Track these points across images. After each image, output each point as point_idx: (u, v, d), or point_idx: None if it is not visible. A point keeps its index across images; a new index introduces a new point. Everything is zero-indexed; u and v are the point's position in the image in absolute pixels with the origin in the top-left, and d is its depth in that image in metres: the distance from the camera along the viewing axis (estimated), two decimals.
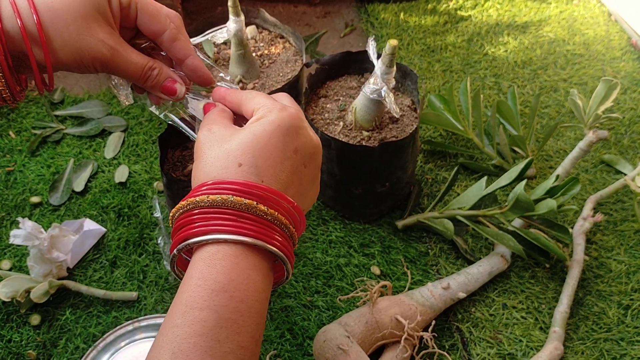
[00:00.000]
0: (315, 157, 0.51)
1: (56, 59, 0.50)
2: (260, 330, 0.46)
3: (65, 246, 0.82)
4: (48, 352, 0.75)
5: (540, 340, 0.79)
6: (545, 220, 0.84)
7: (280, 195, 0.47)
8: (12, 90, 0.51)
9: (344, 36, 1.27)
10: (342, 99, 0.90)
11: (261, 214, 0.46)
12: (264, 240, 0.46)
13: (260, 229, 0.46)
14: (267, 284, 0.47)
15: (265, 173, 0.47)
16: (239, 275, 0.45)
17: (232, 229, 0.45)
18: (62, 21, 0.49)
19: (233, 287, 0.44)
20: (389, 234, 0.90)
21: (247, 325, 0.44)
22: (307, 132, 0.51)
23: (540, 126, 1.07)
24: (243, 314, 0.43)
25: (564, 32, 1.28)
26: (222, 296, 0.43)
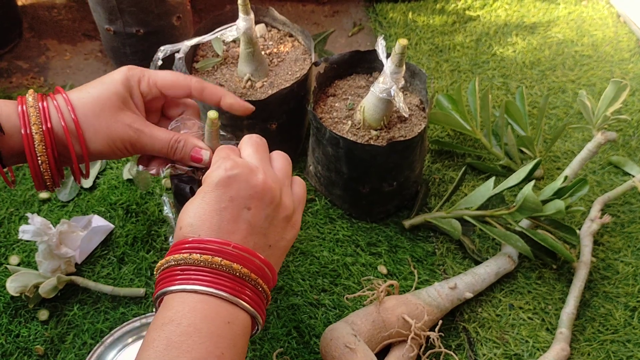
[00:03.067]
0: (256, 198, 0.52)
1: (90, 148, 0.58)
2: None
3: (74, 242, 0.82)
4: (56, 347, 0.76)
5: (546, 341, 0.79)
6: (553, 221, 0.84)
7: (250, 252, 0.51)
8: (55, 179, 0.59)
9: (352, 35, 1.27)
10: (350, 98, 0.90)
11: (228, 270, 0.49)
12: (235, 295, 0.49)
13: (232, 284, 0.49)
14: (239, 334, 0.49)
15: (202, 227, 0.50)
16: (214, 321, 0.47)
17: (209, 283, 0.48)
18: (92, 114, 0.57)
19: (209, 331, 0.47)
20: (396, 234, 0.90)
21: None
22: (243, 177, 0.52)
23: (548, 127, 1.07)
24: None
25: (573, 33, 1.28)
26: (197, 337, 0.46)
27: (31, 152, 0.56)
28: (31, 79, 1.12)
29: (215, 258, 0.48)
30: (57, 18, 1.26)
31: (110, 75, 0.60)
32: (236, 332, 0.48)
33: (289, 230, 0.55)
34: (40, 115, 0.55)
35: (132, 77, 0.60)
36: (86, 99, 0.57)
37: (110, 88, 0.58)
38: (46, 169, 0.57)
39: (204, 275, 0.48)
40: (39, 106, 0.56)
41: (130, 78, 0.60)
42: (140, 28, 1.02)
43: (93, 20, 1.09)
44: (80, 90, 0.58)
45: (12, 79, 1.12)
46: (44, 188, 0.60)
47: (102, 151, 0.59)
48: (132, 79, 0.60)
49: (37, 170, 0.57)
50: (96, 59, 1.18)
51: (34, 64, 1.16)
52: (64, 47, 1.20)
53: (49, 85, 1.11)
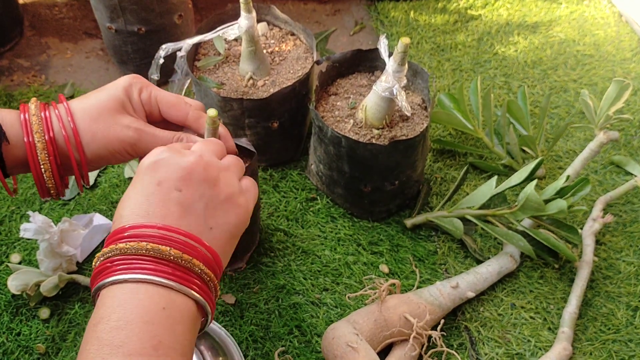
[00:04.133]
0: (186, 178, 0.50)
1: (89, 154, 0.57)
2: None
3: (75, 240, 0.82)
4: (57, 345, 0.76)
5: (548, 340, 0.79)
6: (555, 221, 0.84)
7: (178, 231, 0.48)
8: (58, 188, 0.59)
9: (353, 34, 1.26)
10: (352, 96, 0.90)
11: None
12: (166, 277, 0.46)
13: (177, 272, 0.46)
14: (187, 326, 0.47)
15: (131, 216, 0.48)
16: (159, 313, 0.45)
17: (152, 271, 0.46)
18: (90, 118, 0.56)
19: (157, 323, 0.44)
20: (397, 233, 0.90)
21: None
22: (168, 161, 0.50)
23: (550, 126, 1.07)
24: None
25: (575, 32, 1.28)
26: (147, 328, 0.44)
27: (34, 160, 0.56)
28: (32, 77, 1.12)
29: (140, 243, 0.46)
30: (58, 16, 1.26)
31: (113, 82, 0.60)
32: (174, 316, 0.45)
33: (232, 211, 0.52)
34: (43, 124, 0.55)
35: (135, 84, 0.59)
36: (86, 106, 0.57)
37: (110, 93, 0.58)
38: (49, 177, 0.57)
39: (131, 263, 0.45)
40: (41, 115, 0.56)
41: (133, 85, 0.59)
42: (141, 26, 1.02)
43: (94, 18, 1.08)
44: (82, 98, 0.58)
45: (14, 77, 1.12)
46: (48, 196, 0.60)
47: (101, 155, 0.58)
48: (135, 86, 0.59)
49: (41, 178, 0.57)
50: (97, 58, 1.17)
51: (35, 62, 1.16)
52: (65, 46, 1.20)
53: (50, 83, 1.11)
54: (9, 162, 0.56)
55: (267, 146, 0.93)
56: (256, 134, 0.90)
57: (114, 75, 1.14)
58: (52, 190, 0.59)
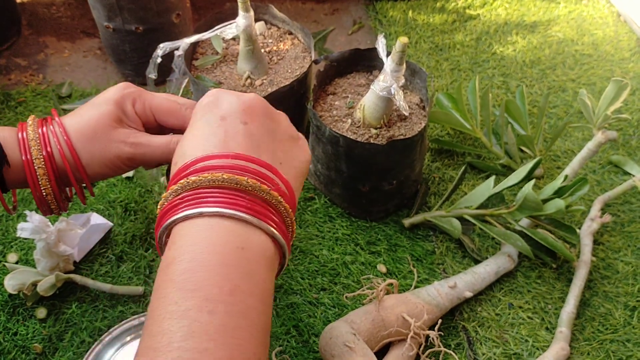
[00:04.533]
0: (250, 112, 0.48)
1: (89, 173, 0.56)
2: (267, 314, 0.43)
3: (72, 240, 0.82)
4: (54, 345, 0.75)
5: (546, 340, 0.79)
6: (553, 221, 0.84)
7: (257, 161, 0.45)
8: (59, 203, 0.58)
9: (351, 33, 1.26)
10: (350, 96, 0.89)
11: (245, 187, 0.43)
12: (244, 211, 0.42)
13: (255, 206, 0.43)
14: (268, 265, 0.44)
15: (197, 150, 0.46)
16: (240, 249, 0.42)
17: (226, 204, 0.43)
18: (86, 138, 0.55)
19: (238, 262, 0.41)
20: (395, 232, 0.90)
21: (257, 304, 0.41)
22: (228, 96, 0.49)
23: (548, 126, 1.07)
24: (253, 302, 0.41)
25: (573, 32, 1.27)
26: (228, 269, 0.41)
27: (33, 178, 0.55)
28: (30, 76, 1.11)
29: (215, 174, 0.43)
30: (56, 15, 1.25)
31: (103, 95, 0.58)
32: (252, 258, 0.42)
33: (298, 151, 0.50)
34: (40, 142, 0.55)
35: (127, 96, 0.58)
36: (79, 124, 0.56)
37: (102, 109, 0.56)
38: (49, 194, 0.56)
39: (205, 195, 0.42)
40: (38, 132, 0.55)
41: (125, 97, 0.57)
42: (139, 25, 1.02)
43: (92, 17, 1.08)
44: (74, 115, 0.57)
45: (11, 76, 1.11)
46: (50, 213, 0.59)
47: (101, 173, 0.58)
48: (127, 98, 0.58)
49: (40, 196, 0.56)
50: (95, 57, 1.17)
51: (33, 61, 1.15)
52: (62, 45, 1.19)
53: (47, 82, 1.11)
54: (9, 181, 0.55)
55: None
56: None
57: (111, 75, 1.13)
58: (53, 207, 0.58)
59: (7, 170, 0.54)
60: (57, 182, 0.56)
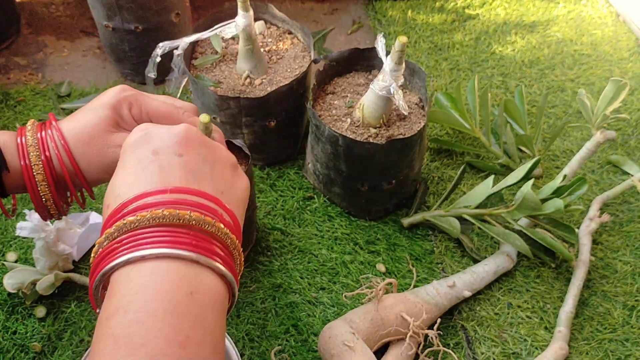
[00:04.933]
0: (184, 143, 0.45)
1: (87, 178, 0.56)
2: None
3: (71, 239, 0.82)
4: (53, 344, 0.75)
5: (545, 339, 0.79)
6: (552, 220, 0.84)
7: (198, 192, 0.42)
8: (58, 208, 0.57)
9: (351, 33, 1.26)
10: (349, 95, 0.89)
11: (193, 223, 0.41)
12: (193, 250, 0.40)
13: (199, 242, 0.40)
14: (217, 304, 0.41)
15: (132, 190, 0.43)
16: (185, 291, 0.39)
17: (168, 243, 0.39)
18: (82, 144, 0.54)
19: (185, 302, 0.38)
20: (394, 232, 0.90)
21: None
22: (158, 130, 0.46)
23: (547, 126, 1.07)
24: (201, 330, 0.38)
25: (572, 32, 1.28)
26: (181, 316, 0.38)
27: (32, 184, 0.54)
28: (29, 76, 1.11)
29: (154, 211, 0.39)
30: (55, 14, 1.25)
31: (100, 99, 0.57)
32: (203, 303, 0.38)
33: (238, 179, 0.47)
34: (39, 147, 0.54)
35: (123, 100, 0.57)
36: (76, 130, 0.55)
37: (99, 114, 0.55)
38: (48, 199, 0.56)
39: (147, 236, 0.39)
40: (37, 137, 0.54)
41: (122, 101, 0.56)
42: (138, 24, 1.02)
43: (91, 16, 1.08)
44: (71, 120, 0.56)
45: (10, 75, 1.11)
46: (50, 217, 0.59)
47: (100, 178, 0.57)
48: (124, 103, 0.57)
49: (40, 201, 0.56)
50: (94, 56, 1.17)
51: (32, 60, 1.15)
52: (62, 44, 1.19)
53: (46, 81, 1.11)
54: (8, 185, 0.55)
55: (264, 145, 0.93)
56: (253, 133, 0.90)
57: (111, 74, 1.13)
58: (52, 212, 0.58)
59: (7, 175, 0.54)
60: (56, 187, 0.56)
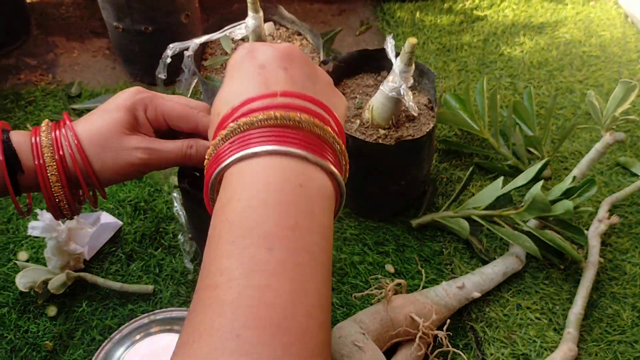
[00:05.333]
0: (288, 59, 0.45)
1: (101, 180, 0.57)
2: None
3: (83, 239, 0.83)
4: (64, 343, 0.76)
5: (554, 341, 0.79)
6: (561, 222, 0.84)
7: (310, 98, 0.43)
8: (71, 208, 0.58)
9: (359, 34, 1.27)
10: (358, 96, 0.90)
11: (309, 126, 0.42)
12: (304, 148, 0.40)
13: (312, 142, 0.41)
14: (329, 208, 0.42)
15: (237, 97, 0.44)
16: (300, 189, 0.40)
17: (279, 140, 0.41)
18: (97, 145, 0.55)
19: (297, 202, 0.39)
20: (403, 233, 0.90)
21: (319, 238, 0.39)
22: (263, 47, 0.47)
23: (556, 127, 1.07)
24: (316, 246, 0.39)
25: (580, 33, 1.28)
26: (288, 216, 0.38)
27: (45, 184, 0.55)
28: (39, 76, 1.12)
29: (266, 112, 0.40)
30: (65, 15, 1.26)
31: (114, 100, 0.58)
32: (311, 196, 0.40)
33: (338, 97, 0.48)
34: (53, 146, 0.55)
35: (139, 102, 0.57)
36: (91, 132, 0.56)
37: (114, 116, 0.56)
38: (62, 200, 0.57)
39: (258, 135, 0.40)
40: (51, 136, 0.55)
41: (137, 103, 0.57)
42: (148, 25, 1.02)
43: (100, 17, 1.09)
44: (85, 121, 0.57)
45: (21, 75, 1.12)
46: (62, 217, 0.59)
47: (113, 179, 0.58)
48: (139, 105, 0.57)
49: (52, 200, 0.57)
50: (104, 57, 1.18)
51: (42, 60, 1.16)
52: (72, 45, 1.20)
53: (57, 82, 1.12)
54: (22, 185, 0.56)
55: None
56: None
57: (120, 75, 1.14)
58: (65, 211, 0.58)
59: (21, 175, 0.55)
60: (69, 187, 0.56)
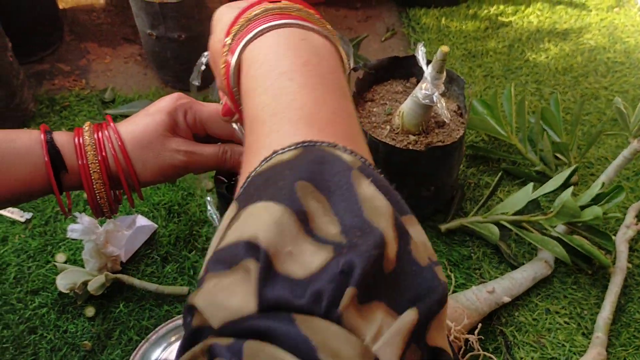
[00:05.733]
0: None
1: (142, 180, 0.59)
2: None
3: (119, 241, 0.85)
4: (102, 343, 0.78)
5: (583, 345, 0.80)
6: (589, 227, 0.85)
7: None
8: (111, 206, 0.60)
9: (384, 40, 1.28)
10: (388, 103, 0.91)
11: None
12: (306, 20, 0.44)
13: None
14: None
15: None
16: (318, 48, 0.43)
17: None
18: (140, 146, 0.58)
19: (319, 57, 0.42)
20: (432, 238, 0.91)
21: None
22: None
23: (582, 133, 1.08)
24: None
25: (605, 39, 1.28)
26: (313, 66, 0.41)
27: (88, 183, 0.57)
28: (73, 82, 1.15)
29: (270, 4, 0.44)
30: (97, 22, 1.29)
31: (157, 105, 0.60)
32: (315, 44, 0.43)
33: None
34: (96, 147, 0.57)
35: (180, 107, 0.60)
36: (134, 133, 0.58)
37: (156, 119, 0.58)
38: (103, 197, 0.59)
39: (262, 22, 0.44)
40: (94, 137, 0.57)
41: (178, 108, 0.60)
42: (181, 33, 1.04)
43: (132, 24, 1.11)
44: (128, 123, 0.59)
45: (55, 81, 1.15)
46: (102, 215, 0.62)
47: (153, 180, 0.60)
48: (180, 110, 0.60)
49: (95, 199, 0.59)
50: (136, 63, 1.20)
51: (75, 66, 1.19)
52: (103, 51, 1.23)
53: (90, 87, 1.14)
54: (64, 184, 0.58)
55: None
56: None
57: (152, 81, 1.16)
58: (104, 210, 0.60)
59: (64, 174, 0.57)
60: (111, 187, 0.59)
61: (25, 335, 0.78)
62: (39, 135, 0.56)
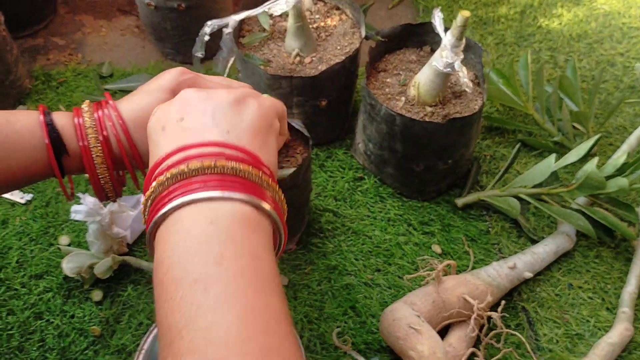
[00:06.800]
0: (184, 107, 0.48)
1: (144, 159, 0.55)
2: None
3: (125, 222, 0.81)
4: (112, 327, 0.75)
5: (607, 320, 0.78)
6: (611, 199, 0.82)
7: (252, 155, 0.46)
8: (115, 189, 0.57)
9: (392, 7, 1.23)
10: (402, 73, 0.87)
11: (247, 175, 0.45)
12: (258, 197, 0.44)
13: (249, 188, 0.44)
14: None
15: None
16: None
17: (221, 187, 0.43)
18: (141, 127, 0.53)
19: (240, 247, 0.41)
20: (448, 212, 0.88)
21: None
22: (163, 108, 0.49)
23: (599, 101, 1.04)
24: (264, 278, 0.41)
25: (619, 4, 1.24)
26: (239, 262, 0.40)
27: (90, 165, 0.54)
28: (69, 56, 1.10)
29: (169, 171, 0.44)
30: None
31: (158, 81, 0.56)
32: (225, 226, 0.41)
33: (244, 110, 0.49)
34: (97, 127, 0.54)
35: (183, 84, 0.56)
36: (135, 112, 0.54)
37: (159, 96, 0.55)
38: (107, 180, 0.56)
39: (168, 193, 0.43)
40: (94, 117, 0.54)
41: (181, 85, 0.56)
42: (181, 2, 1.00)
43: None
44: (128, 101, 0.55)
45: (49, 55, 1.10)
46: (106, 199, 0.59)
47: None
48: (183, 86, 0.56)
49: (98, 182, 0.56)
50: (133, 35, 1.16)
51: (70, 40, 1.14)
52: (99, 23, 1.18)
53: (87, 62, 1.09)
54: (66, 167, 0.55)
55: (314, 125, 0.91)
56: (304, 113, 0.88)
57: (151, 54, 1.12)
58: (109, 193, 0.57)
59: (66, 157, 0.54)
60: (114, 168, 0.55)
61: (31, 321, 0.75)
62: (38, 117, 0.53)
